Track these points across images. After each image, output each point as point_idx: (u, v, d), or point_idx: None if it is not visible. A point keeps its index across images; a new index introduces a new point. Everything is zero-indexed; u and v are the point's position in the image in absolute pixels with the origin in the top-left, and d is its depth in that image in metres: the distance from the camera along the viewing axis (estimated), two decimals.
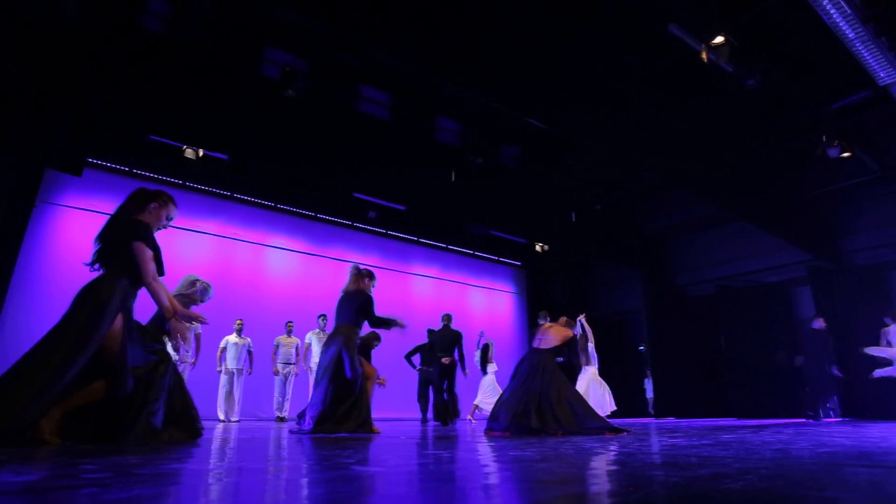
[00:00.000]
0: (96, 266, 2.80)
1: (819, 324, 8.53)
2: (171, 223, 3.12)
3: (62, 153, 5.56)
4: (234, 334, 7.72)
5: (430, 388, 7.77)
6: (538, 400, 4.41)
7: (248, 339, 7.81)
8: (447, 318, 8.04)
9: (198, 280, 4.36)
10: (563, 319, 5.44)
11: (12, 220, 4.98)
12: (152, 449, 2.38)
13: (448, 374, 7.68)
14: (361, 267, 4.99)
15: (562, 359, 4.93)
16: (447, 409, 7.44)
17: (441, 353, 7.65)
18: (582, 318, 7.85)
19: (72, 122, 5.58)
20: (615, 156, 8.09)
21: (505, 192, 9.49)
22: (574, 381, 6.80)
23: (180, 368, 4.20)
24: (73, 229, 7.34)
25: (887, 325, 7.83)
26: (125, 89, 5.83)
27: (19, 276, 6.37)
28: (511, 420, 4.34)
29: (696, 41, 5.92)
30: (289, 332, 8.13)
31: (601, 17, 6.32)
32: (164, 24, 6.21)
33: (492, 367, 8.79)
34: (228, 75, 6.83)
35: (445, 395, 7.58)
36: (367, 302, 4.70)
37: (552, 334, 4.97)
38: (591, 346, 7.83)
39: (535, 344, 4.99)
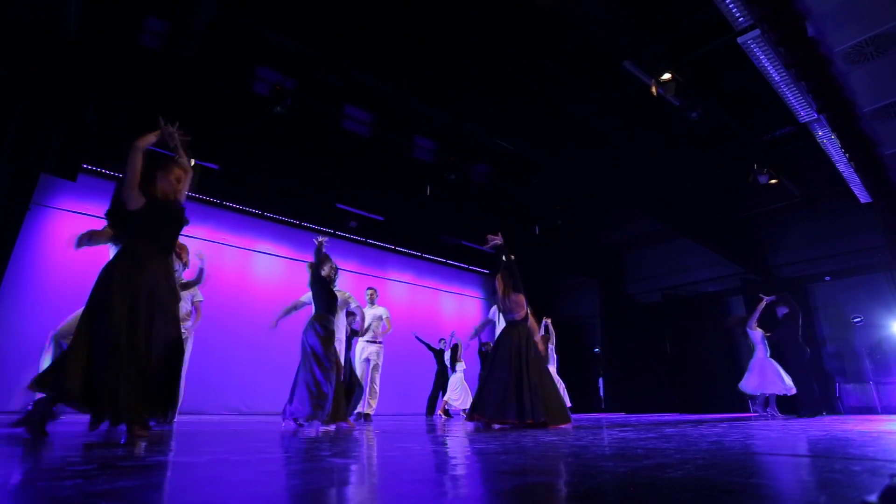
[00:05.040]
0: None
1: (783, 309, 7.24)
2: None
3: (58, 158, 5.35)
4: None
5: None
6: (529, 391, 4.23)
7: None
8: None
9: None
10: (499, 277, 5.02)
11: (6, 221, 4.75)
12: (137, 441, 2.28)
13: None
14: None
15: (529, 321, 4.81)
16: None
17: None
18: (548, 321, 7.92)
19: (68, 130, 5.37)
20: (574, 176, 8.25)
21: (475, 206, 9.55)
22: None
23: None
24: (67, 232, 7.03)
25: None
26: (121, 100, 5.65)
27: (11, 276, 6.08)
28: (512, 411, 4.17)
29: (647, 76, 6.09)
30: None
31: (564, 50, 6.44)
32: (161, 41, 6.06)
33: (461, 366, 8.78)
34: (221, 91, 6.71)
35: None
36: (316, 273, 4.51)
37: (512, 303, 4.77)
38: (551, 346, 7.90)
39: (507, 315, 4.80)
